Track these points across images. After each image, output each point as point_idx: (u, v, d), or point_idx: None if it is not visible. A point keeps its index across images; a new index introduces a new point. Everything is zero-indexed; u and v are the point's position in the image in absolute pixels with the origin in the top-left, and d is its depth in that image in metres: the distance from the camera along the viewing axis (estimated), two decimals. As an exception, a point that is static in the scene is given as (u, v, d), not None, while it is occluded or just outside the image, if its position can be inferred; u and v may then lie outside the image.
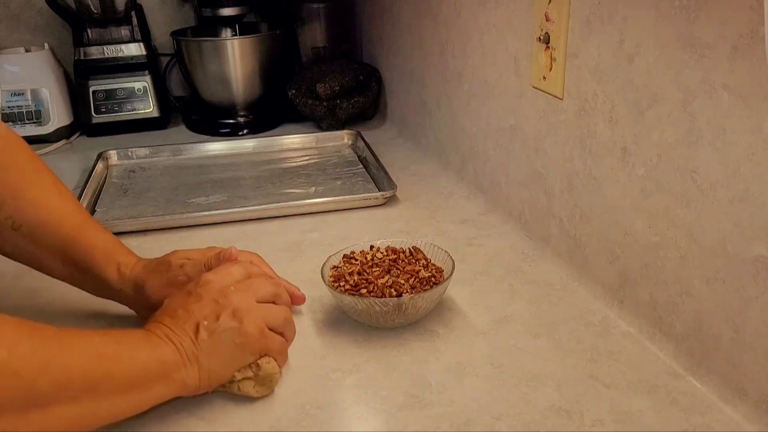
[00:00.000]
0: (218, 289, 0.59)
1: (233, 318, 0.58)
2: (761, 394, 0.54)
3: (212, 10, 1.37)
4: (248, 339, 0.58)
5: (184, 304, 0.58)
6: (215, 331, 0.57)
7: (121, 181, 1.12)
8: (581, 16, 0.71)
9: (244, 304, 0.59)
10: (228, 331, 0.57)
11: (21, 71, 1.34)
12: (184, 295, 0.60)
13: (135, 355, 0.53)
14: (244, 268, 0.64)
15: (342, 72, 1.34)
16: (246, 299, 0.60)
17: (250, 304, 0.60)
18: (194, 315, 0.57)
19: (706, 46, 0.55)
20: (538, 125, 0.83)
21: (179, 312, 0.58)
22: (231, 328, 0.57)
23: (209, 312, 0.58)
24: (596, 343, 0.66)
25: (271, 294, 0.63)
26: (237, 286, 0.61)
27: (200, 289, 0.59)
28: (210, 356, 0.56)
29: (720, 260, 0.57)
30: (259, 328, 0.59)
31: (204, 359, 0.56)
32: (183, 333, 0.56)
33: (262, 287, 0.62)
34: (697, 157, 0.58)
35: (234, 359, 0.58)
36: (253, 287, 0.62)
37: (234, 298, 0.59)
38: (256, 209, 0.96)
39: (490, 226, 0.93)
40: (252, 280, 0.63)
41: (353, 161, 1.18)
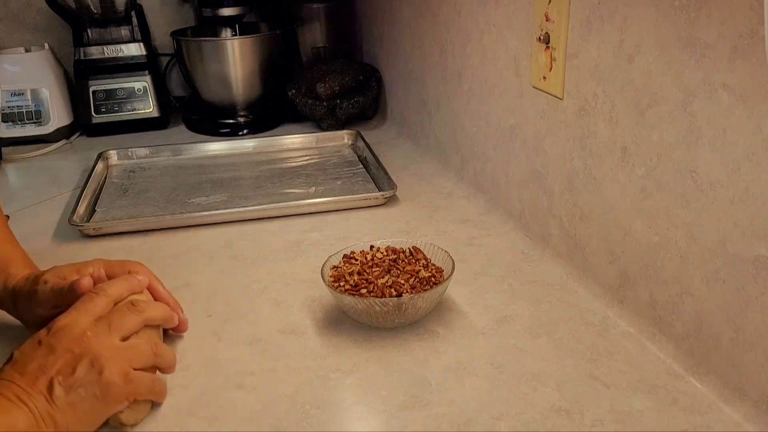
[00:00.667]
0: (73, 337, 0.53)
1: (91, 369, 0.52)
2: (761, 394, 0.54)
3: (212, 10, 1.37)
4: (110, 389, 0.53)
5: (35, 357, 0.52)
6: (72, 387, 0.51)
7: (121, 181, 1.12)
8: (581, 16, 0.71)
9: (105, 350, 0.53)
10: (87, 385, 0.52)
11: (21, 71, 1.34)
12: (34, 345, 0.53)
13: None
14: (106, 298, 0.58)
15: (342, 72, 1.34)
16: (107, 342, 0.54)
17: (112, 348, 0.54)
18: (47, 370, 0.51)
19: (706, 46, 0.55)
20: (538, 125, 0.83)
21: (29, 368, 0.52)
22: (90, 381, 0.52)
23: (63, 365, 0.52)
24: (596, 343, 0.66)
25: (138, 324, 0.58)
26: (95, 329, 0.55)
27: (52, 338, 0.53)
28: (68, 415, 0.51)
29: (720, 260, 0.57)
30: (122, 374, 0.53)
31: (61, 419, 0.51)
32: (36, 392, 0.50)
33: (125, 321, 0.57)
34: (697, 157, 0.58)
35: (97, 413, 0.53)
36: (114, 324, 0.56)
37: (93, 344, 0.53)
38: (256, 209, 0.96)
39: (490, 226, 0.93)
40: (113, 315, 0.57)
41: (353, 161, 1.18)
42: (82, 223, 0.93)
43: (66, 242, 0.91)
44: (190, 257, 0.86)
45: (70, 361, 0.52)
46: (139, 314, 0.59)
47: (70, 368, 0.52)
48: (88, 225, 0.93)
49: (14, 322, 0.68)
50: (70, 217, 0.92)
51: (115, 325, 0.56)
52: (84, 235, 0.92)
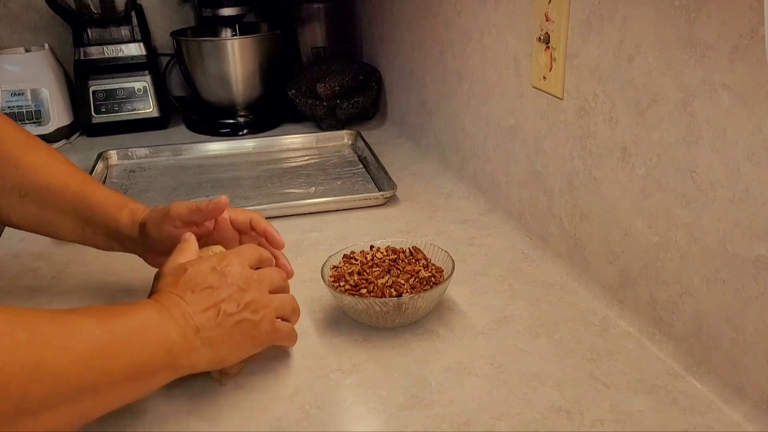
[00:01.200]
0: (241, 276, 0.59)
1: (252, 310, 0.58)
2: (761, 394, 0.54)
3: (212, 10, 1.37)
4: (261, 333, 0.59)
5: (208, 281, 0.57)
6: (234, 319, 0.57)
7: (121, 181, 1.12)
8: (581, 16, 0.71)
9: (262, 298, 0.60)
10: (246, 323, 0.57)
11: (21, 71, 1.34)
12: (208, 270, 0.58)
13: (138, 346, 0.51)
14: (257, 252, 0.64)
15: (342, 72, 1.34)
16: (263, 292, 0.60)
17: (267, 298, 0.60)
18: (217, 297, 0.56)
19: (706, 46, 0.55)
20: (538, 125, 0.83)
21: (202, 290, 0.56)
22: (249, 319, 0.58)
23: (232, 298, 0.57)
24: (596, 343, 0.66)
25: (283, 286, 0.65)
26: (260, 276, 0.61)
27: (225, 268, 0.59)
28: (225, 342, 0.56)
29: (720, 260, 0.57)
30: (271, 322, 0.60)
31: (219, 344, 0.56)
32: (203, 314, 0.55)
33: (274, 279, 0.63)
34: (697, 157, 0.58)
35: (245, 349, 0.59)
36: (268, 279, 0.62)
37: (254, 289, 0.59)
38: (256, 209, 0.96)
39: (490, 226, 0.93)
40: (267, 271, 0.63)
41: (353, 161, 1.18)
42: (82, 223, 0.93)
43: (66, 242, 0.91)
44: (190, 257, 0.86)
45: (237, 296, 0.57)
46: (284, 281, 0.65)
47: (237, 303, 0.57)
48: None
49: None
50: (70, 217, 0.92)
51: (268, 280, 0.62)
52: (84, 235, 0.92)
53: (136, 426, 0.57)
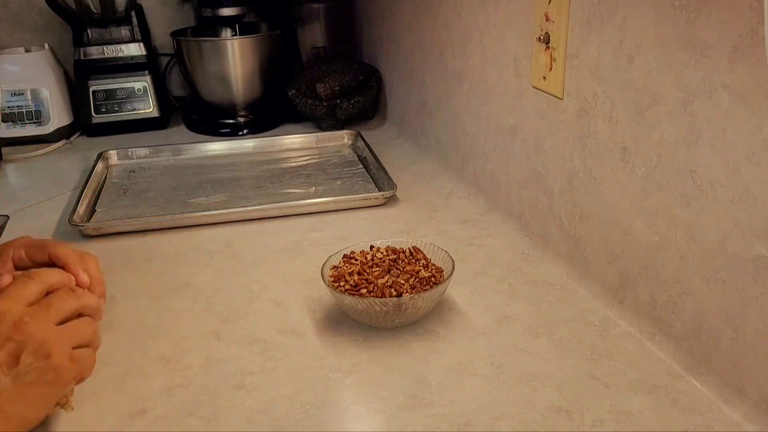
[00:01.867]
0: (11, 324, 0.51)
1: (37, 355, 0.50)
2: (761, 394, 0.54)
3: (212, 10, 1.37)
4: (60, 372, 0.52)
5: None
6: (19, 376, 0.50)
7: (121, 181, 1.12)
8: (581, 16, 0.71)
9: (47, 334, 0.52)
10: (34, 372, 0.50)
11: (21, 71, 1.34)
12: None
13: None
14: (37, 283, 0.56)
15: (342, 72, 1.34)
16: (47, 326, 0.52)
17: (53, 331, 0.52)
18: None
19: (706, 46, 0.55)
20: (538, 125, 0.83)
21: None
22: (37, 367, 0.50)
23: (6, 355, 0.50)
24: (596, 343, 0.66)
25: (75, 309, 0.56)
26: (33, 314, 0.53)
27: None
28: (18, 404, 0.50)
29: (720, 260, 0.57)
30: (68, 357, 0.52)
31: (10, 409, 0.49)
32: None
33: (63, 306, 0.55)
34: (697, 157, 0.58)
35: (47, 397, 0.52)
36: (52, 309, 0.54)
37: (33, 330, 0.51)
38: (256, 209, 0.96)
39: (490, 226, 0.93)
40: (50, 299, 0.55)
41: (353, 161, 1.18)
42: (82, 223, 0.93)
43: (66, 242, 0.91)
44: (190, 257, 0.86)
45: (12, 350, 0.50)
46: (78, 300, 0.57)
47: (14, 357, 0.50)
48: (88, 225, 0.93)
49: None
50: (70, 217, 0.92)
51: (54, 309, 0.54)
52: (84, 235, 0.92)
53: (136, 426, 0.57)
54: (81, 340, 0.55)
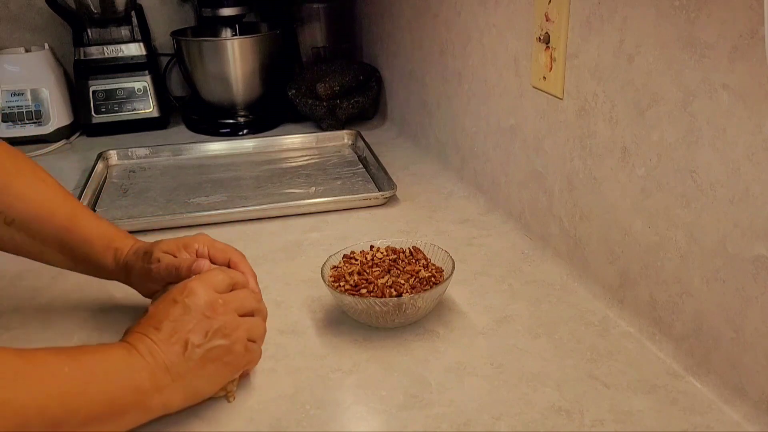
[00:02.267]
0: (206, 303, 0.57)
1: (222, 335, 0.56)
2: (761, 394, 0.54)
3: (212, 10, 1.37)
4: (236, 357, 0.57)
5: (171, 315, 0.56)
6: (203, 349, 0.55)
7: (121, 181, 1.12)
8: (581, 16, 0.71)
9: (231, 321, 0.58)
10: (217, 349, 0.56)
11: (21, 71, 1.34)
12: (169, 303, 0.57)
13: (106, 385, 0.50)
14: (227, 277, 0.62)
15: (342, 72, 1.34)
16: (231, 315, 0.58)
17: (236, 321, 0.58)
18: (182, 329, 0.55)
19: (706, 46, 0.55)
20: (538, 125, 0.83)
21: (165, 324, 0.55)
22: (221, 345, 0.56)
23: (198, 327, 0.55)
24: (596, 343, 0.66)
25: (253, 308, 0.62)
26: (224, 300, 0.59)
27: (188, 299, 0.57)
28: (197, 374, 0.55)
29: (720, 260, 0.57)
30: (244, 345, 0.58)
31: (191, 377, 0.55)
32: (170, 350, 0.54)
33: (245, 302, 0.61)
34: (697, 157, 0.58)
35: (221, 376, 0.58)
36: (238, 301, 0.60)
37: (222, 314, 0.57)
38: (256, 209, 0.96)
39: (490, 226, 0.93)
40: (236, 293, 0.61)
41: (353, 161, 1.18)
42: (82, 223, 0.93)
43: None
44: (190, 257, 0.86)
45: (204, 325, 0.56)
46: (257, 301, 0.63)
47: (204, 332, 0.55)
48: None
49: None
50: (70, 217, 0.92)
51: (238, 302, 0.60)
52: (84, 235, 0.92)
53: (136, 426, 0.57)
54: (255, 334, 0.61)
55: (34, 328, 0.72)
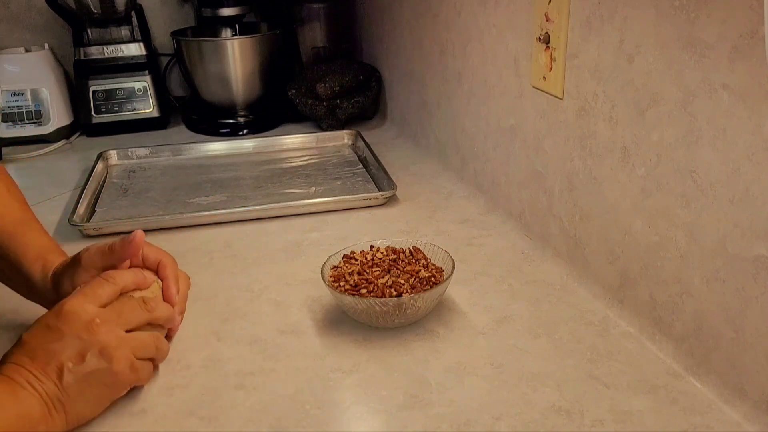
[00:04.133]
0: (82, 323, 0.54)
1: (101, 357, 0.53)
2: (761, 394, 0.54)
3: (212, 10, 1.38)
4: (118, 378, 0.55)
5: (44, 342, 0.53)
6: (82, 374, 0.52)
7: (121, 181, 1.12)
8: (581, 16, 0.71)
9: (113, 339, 0.54)
10: (96, 373, 0.53)
11: (21, 71, 1.34)
12: (43, 329, 0.54)
13: (3, 419, 0.48)
14: (113, 286, 0.58)
15: (342, 72, 1.34)
16: (114, 332, 0.55)
17: (119, 338, 0.55)
18: (56, 356, 0.52)
19: (706, 46, 0.55)
20: (538, 125, 0.83)
21: (39, 353, 0.52)
22: (99, 369, 0.53)
23: (73, 352, 0.53)
24: (596, 343, 0.66)
25: (143, 321, 0.59)
26: (103, 317, 0.55)
27: (61, 323, 0.53)
28: (77, 401, 0.53)
29: (720, 260, 0.57)
30: (129, 364, 0.55)
31: (71, 405, 0.52)
32: (45, 378, 0.51)
33: (132, 316, 0.58)
34: (697, 157, 0.58)
35: (104, 399, 0.55)
36: (122, 316, 0.57)
37: (102, 333, 0.54)
38: (256, 209, 0.96)
39: (490, 226, 0.93)
40: (121, 305, 0.58)
41: (353, 161, 1.18)
42: (83, 223, 0.93)
43: (66, 242, 0.91)
44: (190, 257, 0.86)
45: (79, 347, 0.53)
46: (148, 312, 0.60)
47: (80, 356, 0.53)
48: (89, 225, 0.93)
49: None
50: (70, 217, 0.93)
51: (124, 317, 0.57)
52: (84, 235, 0.92)
53: (136, 426, 0.57)
54: (144, 352, 0.58)
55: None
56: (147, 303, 0.60)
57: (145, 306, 0.60)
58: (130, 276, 0.62)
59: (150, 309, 0.60)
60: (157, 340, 0.60)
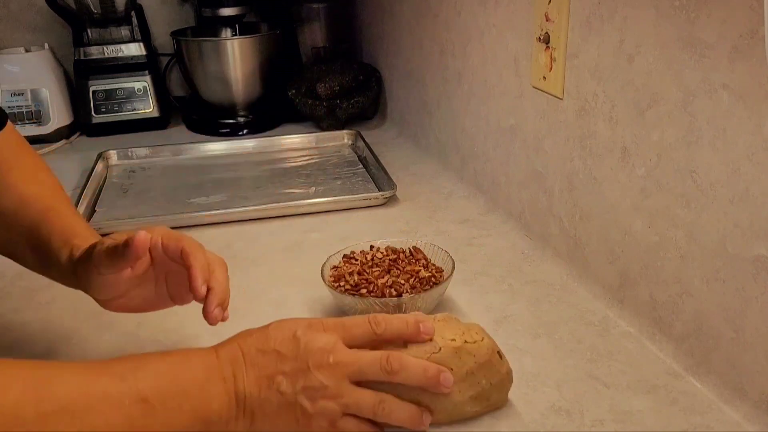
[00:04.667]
0: (317, 352, 0.50)
1: (310, 397, 0.49)
2: (761, 394, 0.54)
3: (212, 10, 1.38)
4: (312, 423, 0.50)
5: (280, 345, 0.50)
6: (284, 397, 0.49)
7: (121, 181, 1.12)
8: (581, 16, 0.71)
9: (332, 385, 0.50)
10: (296, 408, 0.49)
11: (21, 71, 1.34)
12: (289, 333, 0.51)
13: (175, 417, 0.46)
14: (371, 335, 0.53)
15: (342, 72, 1.34)
16: (337, 379, 0.50)
17: (338, 388, 0.50)
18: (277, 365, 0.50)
19: (706, 46, 0.55)
20: (538, 125, 0.83)
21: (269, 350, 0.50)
22: (301, 406, 0.49)
23: (291, 371, 0.50)
24: (596, 343, 0.66)
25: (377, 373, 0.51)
26: (339, 359, 0.50)
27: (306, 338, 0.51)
28: (267, 419, 0.50)
29: (720, 260, 0.57)
30: (330, 417, 0.50)
31: (260, 418, 0.50)
32: (254, 380, 0.49)
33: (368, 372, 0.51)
34: (697, 157, 0.58)
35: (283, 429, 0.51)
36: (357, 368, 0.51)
37: (325, 373, 0.50)
38: (256, 209, 0.96)
39: (490, 226, 0.93)
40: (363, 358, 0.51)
41: (353, 161, 1.18)
42: (82, 223, 0.93)
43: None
44: (190, 257, 0.86)
45: (301, 372, 0.50)
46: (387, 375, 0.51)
47: (296, 380, 0.49)
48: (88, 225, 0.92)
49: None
50: (70, 217, 0.92)
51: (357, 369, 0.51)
52: (84, 235, 0.92)
53: (136, 426, 0.57)
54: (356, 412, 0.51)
55: (34, 328, 0.72)
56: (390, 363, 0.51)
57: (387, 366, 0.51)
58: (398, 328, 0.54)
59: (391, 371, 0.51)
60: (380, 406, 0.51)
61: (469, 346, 0.55)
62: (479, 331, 0.57)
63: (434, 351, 0.53)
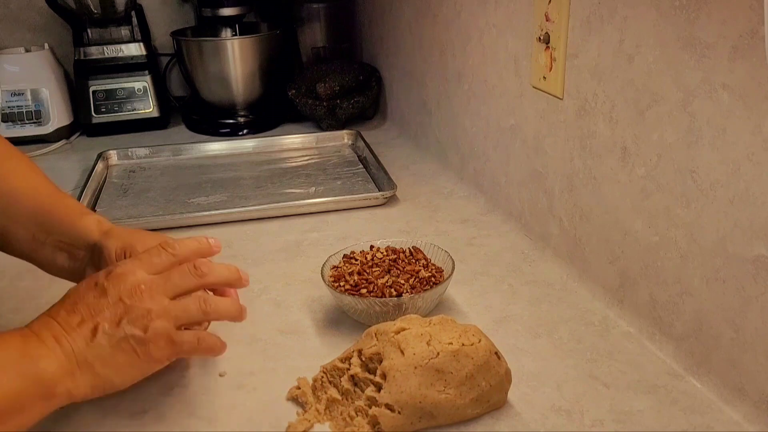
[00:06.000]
0: (128, 287, 0.52)
1: (137, 324, 0.51)
2: (761, 394, 0.54)
3: (212, 10, 1.37)
4: (150, 348, 0.52)
5: (87, 298, 0.52)
6: (114, 338, 0.51)
7: (121, 181, 1.12)
8: (581, 16, 0.71)
9: (155, 306, 0.52)
10: (127, 339, 0.51)
11: (21, 71, 1.34)
12: (90, 286, 0.53)
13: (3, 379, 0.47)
14: (171, 258, 0.56)
15: (342, 72, 1.34)
16: (158, 300, 0.53)
17: (161, 306, 0.53)
18: (95, 314, 0.51)
19: (706, 46, 0.55)
20: (538, 125, 0.83)
21: (79, 307, 0.51)
22: (132, 335, 0.51)
23: (111, 314, 0.51)
24: (596, 343, 0.66)
25: (194, 287, 0.56)
26: (150, 283, 0.53)
27: (108, 282, 0.53)
28: (108, 365, 0.51)
29: (720, 260, 0.57)
30: (166, 335, 0.52)
31: (100, 367, 0.51)
32: (77, 334, 0.50)
33: (181, 282, 0.55)
34: (697, 157, 0.58)
35: (135, 368, 0.53)
36: (170, 282, 0.54)
37: (144, 299, 0.52)
38: (256, 209, 0.96)
39: (490, 226, 0.93)
40: (172, 273, 0.55)
41: (353, 161, 1.18)
42: (82, 223, 0.93)
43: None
44: (190, 257, 0.86)
45: (118, 311, 0.52)
46: (199, 278, 0.56)
47: (117, 318, 0.51)
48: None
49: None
50: (70, 217, 0.92)
51: (171, 284, 0.54)
52: (84, 235, 0.92)
53: (136, 426, 0.57)
54: (186, 319, 0.54)
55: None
56: (198, 267, 0.56)
57: (195, 271, 0.56)
58: (192, 245, 0.58)
59: (200, 274, 0.56)
60: (204, 303, 0.55)
61: (467, 348, 0.55)
62: (476, 332, 0.57)
63: (432, 356, 0.54)
